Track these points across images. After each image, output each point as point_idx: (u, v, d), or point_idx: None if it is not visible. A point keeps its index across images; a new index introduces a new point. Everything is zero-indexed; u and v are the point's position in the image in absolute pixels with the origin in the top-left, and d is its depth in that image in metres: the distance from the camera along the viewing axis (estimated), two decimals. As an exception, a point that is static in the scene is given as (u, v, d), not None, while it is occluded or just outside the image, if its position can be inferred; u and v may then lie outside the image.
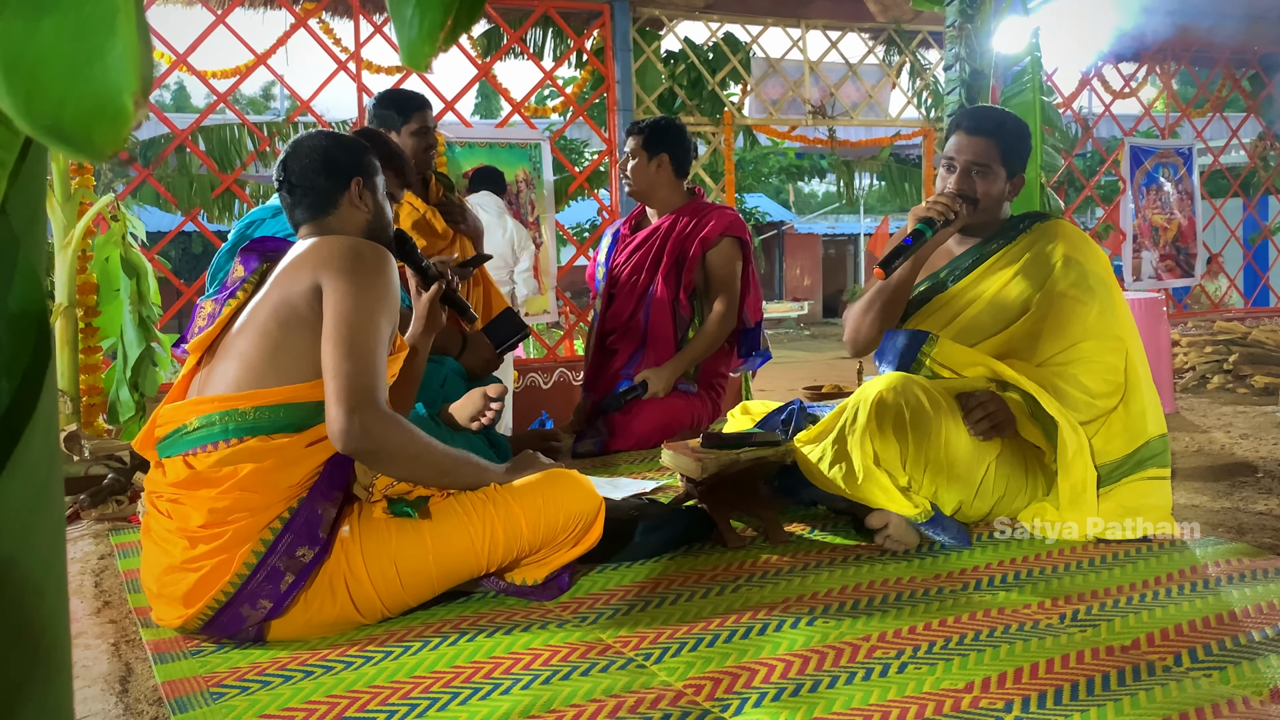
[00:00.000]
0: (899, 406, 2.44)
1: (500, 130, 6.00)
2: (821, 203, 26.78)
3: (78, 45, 0.42)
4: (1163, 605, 2.08)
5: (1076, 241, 2.74)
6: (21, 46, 0.44)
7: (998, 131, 2.75)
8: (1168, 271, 7.70)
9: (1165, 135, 7.92)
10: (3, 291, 0.53)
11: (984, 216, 2.77)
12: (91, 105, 0.42)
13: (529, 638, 1.95)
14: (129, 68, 0.41)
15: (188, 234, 12.91)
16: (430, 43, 0.63)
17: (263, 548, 1.92)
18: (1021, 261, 2.73)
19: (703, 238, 3.80)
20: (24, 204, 0.57)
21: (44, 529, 0.52)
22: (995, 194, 2.75)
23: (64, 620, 0.56)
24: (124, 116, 0.41)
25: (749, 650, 1.87)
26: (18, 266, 0.54)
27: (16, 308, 0.53)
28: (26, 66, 0.44)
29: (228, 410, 1.97)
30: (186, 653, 1.96)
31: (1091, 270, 2.68)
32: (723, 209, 3.92)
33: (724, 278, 3.82)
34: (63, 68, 0.43)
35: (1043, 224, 2.79)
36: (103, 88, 0.42)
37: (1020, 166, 2.80)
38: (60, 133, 0.42)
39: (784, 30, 6.62)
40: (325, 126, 6.20)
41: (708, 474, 2.52)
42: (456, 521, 2.04)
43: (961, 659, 1.80)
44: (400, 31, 0.65)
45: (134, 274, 3.78)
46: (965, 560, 2.39)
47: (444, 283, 2.59)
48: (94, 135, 0.42)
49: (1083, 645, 1.85)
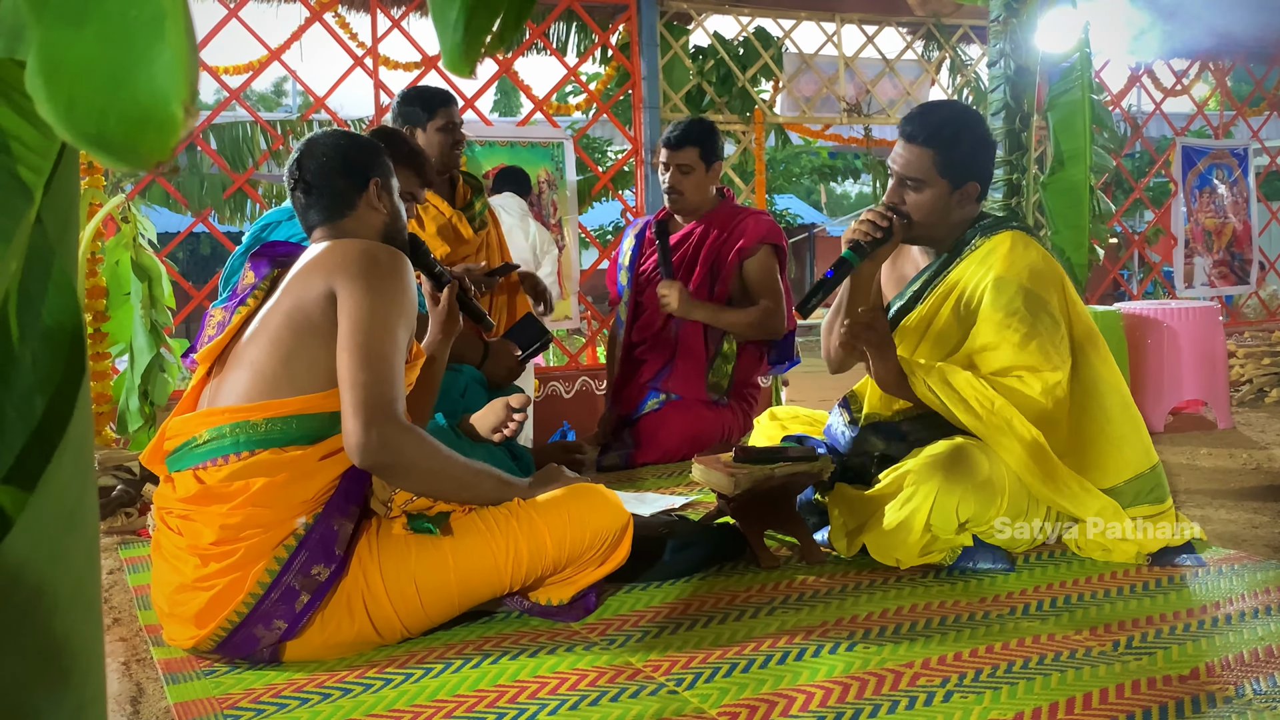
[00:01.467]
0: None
1: (522, 129, 6.01)
2: (854, 204, 26.70)
3: (122, 52, 0.43)
4: (1221, 633, 2.06)
5: (1013, 258, 2.60)
6: (63, 53, 0.44)
7: (933, 139, 2.62)
8: (1222, 278, 7.63)
9: (1219, 135, 7.85)
10: (37, 304, 0.53)
11: (930, 231, 2.69)
12: (137, 114, 0.42)
13: (555, 660, 1.95)
14: (178, 74, 0.41)
15: (196, 235, 12.99)
16: (475, 49, 0.63)
17: (277, 566, 1.93)
18: (963, 281, 2.66)
19: (740, 248, 3.77)
20: (57, 213, 0.57)
21: (76, 550, 0.53)
22: (932, 206, 2.65)
23: (97, 645, 0.56)
24: (173, 125, 0.42)
25: (785, 676, 1.86)
26: (52, 278, 0.55)
27: (51, 321, 0.54)
28: (68, 74, 0.44)
29: (239, 422, 1.98)
30: (199, 673, 1.97)
31: (1027, 290, 2.56)
32: (758, 214, 3.90)
33: (765, 285, 3.80)
34: (106, 75, 0.43)
35: (990, 237, 2.67)
36: (149, 96, 0.42)
37: (971, 174, 2.66)
38: (104, 141, 0.43)
39: (818, 24, 6.60)
40: (341, 124, 6.23)
41: (740, 490, 2.52)
42: (479, 538, 2.05)
43: (1010, 687, 1.79)
44: (443, 35, 0.65)
45: (145, 277, 3.81)
46: (1010, 584, 2.37)
47: (458, 285, 2.59)
48: (140, 144, 0.42)
49: (1138, 674, 1.84)
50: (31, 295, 0.54)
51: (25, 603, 0.49)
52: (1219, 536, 3.03)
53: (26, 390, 0.51)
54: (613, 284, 4.17)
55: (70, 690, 0.52)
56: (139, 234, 3.94)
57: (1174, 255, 7.53)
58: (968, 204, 2.70)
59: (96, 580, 0.56)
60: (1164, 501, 2.61)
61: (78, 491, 0.52)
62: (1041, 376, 2.51)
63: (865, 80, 6.67)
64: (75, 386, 0.53)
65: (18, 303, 0.53)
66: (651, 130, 5.91)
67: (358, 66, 5.47)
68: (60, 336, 0.54)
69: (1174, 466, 4.27)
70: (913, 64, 6.93)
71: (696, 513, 2.87)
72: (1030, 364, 2.53)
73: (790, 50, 6.58)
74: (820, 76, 6.59)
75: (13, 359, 0.51)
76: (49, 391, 0.52)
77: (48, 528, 0.51)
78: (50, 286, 0.54)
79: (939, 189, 2.65)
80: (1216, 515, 3.37)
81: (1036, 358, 2.52)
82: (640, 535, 2.26)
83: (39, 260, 0.54)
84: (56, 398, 0.52)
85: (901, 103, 6.77)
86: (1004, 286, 2.57)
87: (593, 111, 6.22)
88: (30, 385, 0.51)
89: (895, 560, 2.44)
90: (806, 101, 6.61)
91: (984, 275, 2.61)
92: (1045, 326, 2.55)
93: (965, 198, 2.68)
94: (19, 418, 0.51)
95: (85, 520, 0.53)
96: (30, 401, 0.51)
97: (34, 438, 0.51)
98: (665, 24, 6.11)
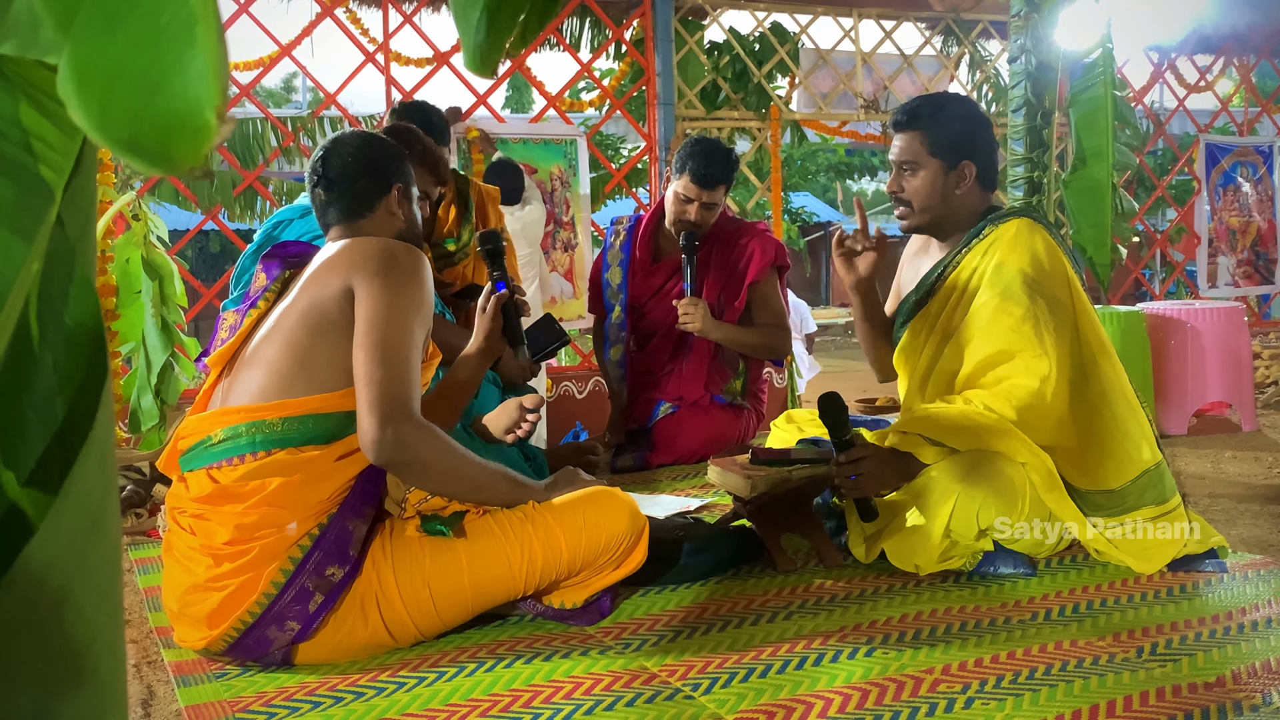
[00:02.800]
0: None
1: (534, 125, 6.00)
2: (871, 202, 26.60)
3: (155, 57, 0.43)
4: (1247, 639, 2.05)
5: (1016, 243, 2.61)
6: (94, 58, 0.44)
7: (916, 120, 2.71)
8: (1246, 278, 7.60)
9: (1243, 132, 7.83)
10: (59, 305, 0.54)
11: (935, 217, 2.73)
12: (171, 120, 0.42)
13: (569, 664, 1.96)
14: (210, 80, 0.42)
15: (205, 232, 13.05)
16: (498, 49, 0.63)
17: (291, 566, 1.93)
18: (968, 268, 2.67)
19: (752, 278, 3.72)
20: (77, 213, 0.57)
21: (99, 557, 0.53)
22: (929, 189, 2.70)
23: (120, 653, 0.56)
24: (207, 131, 0.42)
25: (803, 682, 1.86)
26: (73, 279, 0.55)
27: (72, 322, 0.54)
28: (100, 79, 0.44)
29: (254, 421, 1.99)
30: (210, 675, 1.98)
31: (1025, 276, 2.55)
32: (761, 234, 3.83)
33: (773, 308, 3.77)
34: (139, 80, 0.43)
35: (996, 226, 2.68)
36: (182, 102, 0.42)
37: (963, 152, 2.69)
38: (136, 147, 0.43)
39: (835, 19, 6.60)
40: (352, 121, 6.25)
41: (757, 493, 2.52)
42: (493, 541, 2.05)
43: (1032, 694, 1.78)
44: (465, 36, 0.65)
45: (156, 276, 3.83)
46: (1032, 588, 2.36)
47: (508, 296, 2.57)
48: (173, 150, 0.42)
49: (1162, 681, 1.83)
50: (53, 296, 0.54)
51: (50, 608, 0.49)
52: (1244, 541, 3.02)
53: (48, 393, 0.51)
54: (597, 297, 4.03)
55: (93, 695, 0.53)
56: (150, 231, 3.96)
57: (1197, 254, 7.50)
58: (968, 186, 2.71)
59: (119, 585, 0.56)
60: (1168, 500, 2.57)
61: (100, 496, 0.53)
62: (1029, 364, 2.50)
63: (883, 76, 6.65)
64: (98, 388, 0.53)
65: (39, 304, 0.53)
66: (666, 127, 5.91)
67: (369, 63, 5.48)
68: (81, 338, 0.54)
69: (1198, 470, 4.25)
70: (931, 59, 6.92)
71: (712, 515, 2.87)
72: (1018, 348, 2.51)
73: (807, 46, 6.57)
74: (837, 72, 6.58)
75: (34, 361, 0.52)
76: (70, 393, 0.52)
77: (71, 533, 0.51)
78: (72, 287, 0.55)
79: (932, 169, 2.69)
80: (1242, 520, 3.35)
81: (1029, 340, 2.51)
82: (656, 538, 2.26)
83: (60, 261, 0.55)
84: (78, 400, 0.52)
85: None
86: (1002, 270, 2.59)
87: (606, 108, 6.22)
88: (52, 387, 0.52)
89: (915, 566, 2.43)
90: (823, 98, 6.60)
91: (986, 262, 2.63)
92: (1041, 310, 2.54)
93: (962, 178, 2.70)
94: (40, 420, 0.51)
95: (108, 525, 0.53)
96: (51, 404, 0.51)
97: (56, 441, 0.51)
98: (680, 19, 6.11)
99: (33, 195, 0.52)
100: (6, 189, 0.51)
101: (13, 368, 0.50)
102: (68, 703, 0.50)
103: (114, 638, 0.55)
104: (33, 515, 0.49)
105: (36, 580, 0.48)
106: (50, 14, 0.46)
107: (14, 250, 0.50)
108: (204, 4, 0.45)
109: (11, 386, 0.50)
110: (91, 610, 0.52)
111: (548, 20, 0.64)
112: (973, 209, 2.73)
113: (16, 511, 0.49)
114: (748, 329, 3.76)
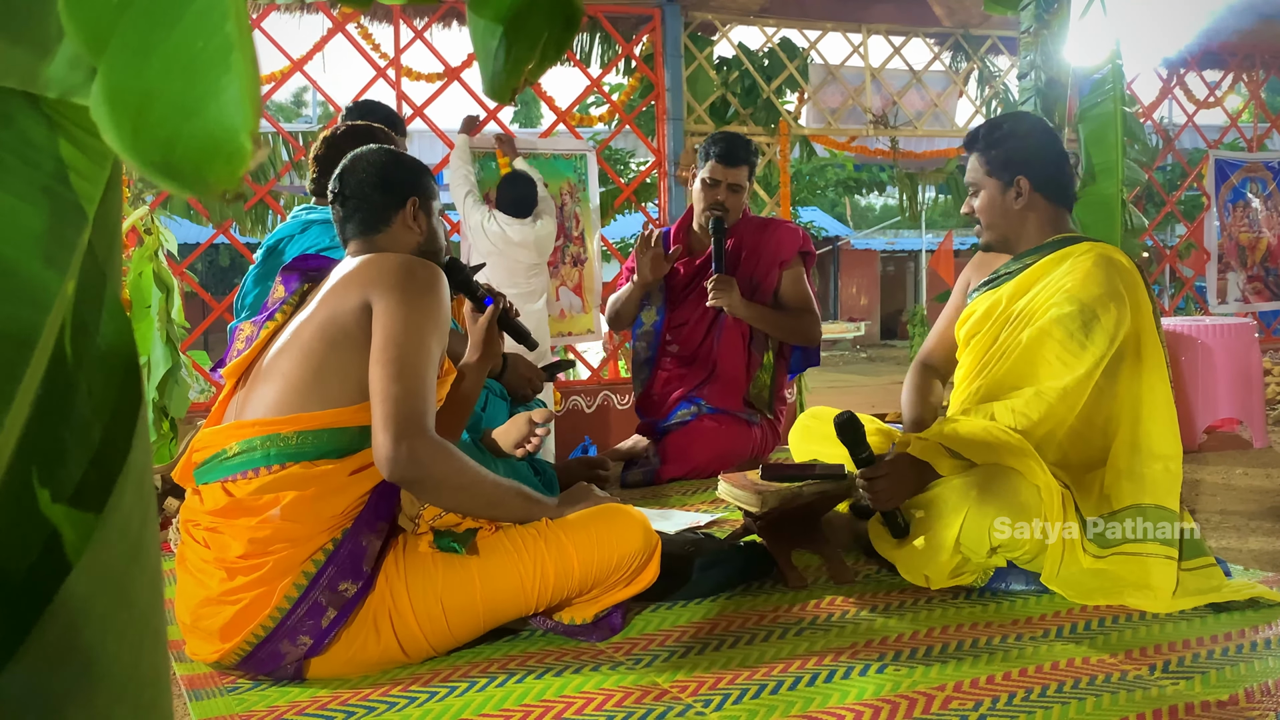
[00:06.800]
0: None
1: (543, 140, 6.01)
2: (879, 217, 26.63)
3: (190, 82, 0.43)
4: (1260, 657, 2.05)
5: (1088, 278, 2.56)
6: (128, 81, 0.45)
7: (976, 143, 2.80)
8: (1256, 294, 7.57)
9: (1253, 148, 7.81)
10: (92, 329, 0.54)
11: (1000, 235, 2.77)
12: (207, 144, 0.43)
13: (580, 680, 1.96)
14: (246, 105, 0.42)
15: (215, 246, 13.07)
16: (516, 77, 0.64)
17: (304, 580, 1.94)
18: (1032, 281, 2.68)
19: (781, 263, 3.85)
20: (105, 235, 0.58)
21: (141, 583, 0.53)
22: (990, 208, 2.76)
23: (165, 680, 0.56)
24: (242, 156, 0.42)
25: (815, 699, 1.86)
26: (104, 303, 0.55)
27: (105, 345, 0.54)
28: (133, 102, 0.45)
29: (269, 435, 2.00)
30: (222, 689, 1.98)
31: (1085, 306, 2.53)
32: (785, 225, 3.99)
33: (802, 294, 3.88)
34: (174, 105, 0.44)
35: (1068, 247, 2.68)
36: (218, 127, 0.43)
37: (1016, 168, 2.71)
38: (171, 170, 0.43)
39: (844, 35, 6.61)
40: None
41: (768, 508, 2.52)
42: (506, 558, 2.05)
43: (1044, 711, 1.78)
44: (484, 64, 0.66)
45: (165, 289, 3.85)
46: (1043, 605, 2.36)
47: (501, 305, 2.58)
48: (208, 174, 0.43)
49: (1175, 699, 1.83)
50: (85, 321, 0.54)
51: (93, 637, 0.49)
52: (1256, 558, 3.01)
53: (84, 419, 0.52)
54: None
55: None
56: (160, 246, 3.98)
57: (1207, 270, 7.48)
58: (1025, 200, 2.71)
59: (161, 610, 0.56)
60: (1167, 547, 2.43)
61: (139, 521, 0.53)
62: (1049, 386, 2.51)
63: (892, 91, 6.66)
64: (133, 413, 0.53)
65: (72, 329, 0.53)
66: (675, 142, 5.92)
67: (380, 78, 5.50)
68: (115, 361, 0.54)
69: (1210, 486, 4.24)
70: (940, 75, 6.92)
71: (722, 530, 2.87)
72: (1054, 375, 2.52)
73: (816, 61, 6.58)
74: (846, 88, 6.59)
75: (71, 387, 0.52)
76: (106, 418, 0.53)
77: (113, 562, 0.51)
78: (103, 311, 0.55)
79: (991, 189, 2.76)
80: (1254, 536, 3.35)
81: (1069, 365, 2.50)
82: (666, 553, 2.26)
83: (91, 285, 0.55)
84: (113, 425, 0.53)
85: (929, 114, 6.76)
86: (1067, 302, 2.55)
87: (615, 123, 6.23)
88: (88, 413, 0.52)
89: (924, 579, 2.43)
90: (832, 113, 6.61)
91: (1054, 284, 2.61)
92: (1093, 354, 2.50)
93: (1020, 193, 2.72)
94: (78, 446, 0.51)
95: (148, 551, 0.54)
96: (89, 429, 0.52)
97: (93, 466, 0.52)
98: (690, 35, 6.12)
99: (67, 224, 0.53)
100: (38, 218, 0.52)
101: (50, 395, 0.50)
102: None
103: (158, 663, 0.55)
104: (73, 542, 0.49)
105: (80, 609, 0.48)
106: (83, 38, 0.47)
107: (48, 281, 0.50)
108: (240, 32, 0.45)
109: (50, 413, 0.50)
110: (136, 636, 0.52)
111: (565, 48, 0.65)
112: (1040, 224, 2.74)
113: (56, 540, 0.49)
114: (778, 310, 3.82)
